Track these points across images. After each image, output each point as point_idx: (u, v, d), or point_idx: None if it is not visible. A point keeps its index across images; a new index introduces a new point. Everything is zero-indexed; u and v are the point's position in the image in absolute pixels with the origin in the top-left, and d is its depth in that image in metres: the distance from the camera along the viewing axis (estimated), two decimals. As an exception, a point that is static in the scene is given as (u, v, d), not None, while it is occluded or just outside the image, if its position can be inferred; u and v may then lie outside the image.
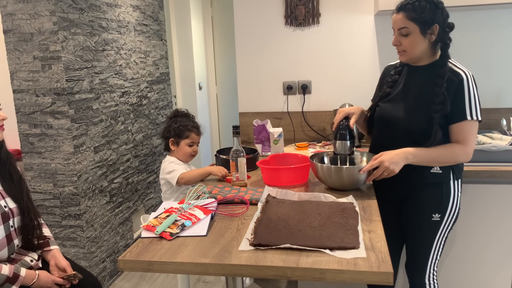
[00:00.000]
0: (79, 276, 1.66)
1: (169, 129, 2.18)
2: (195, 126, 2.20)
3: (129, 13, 3.10)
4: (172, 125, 2.18)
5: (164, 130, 2.22)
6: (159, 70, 3.60)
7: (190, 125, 2.17)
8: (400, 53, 1.64)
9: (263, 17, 2.68)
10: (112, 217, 2.85)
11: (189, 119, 2.22)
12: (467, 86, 1.54)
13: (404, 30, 1.57)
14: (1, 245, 1.54)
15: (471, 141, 1.57)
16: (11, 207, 1.60)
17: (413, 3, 1.54)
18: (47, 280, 1.58)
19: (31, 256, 1.66)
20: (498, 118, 2.37)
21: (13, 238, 1.59)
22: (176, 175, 2.02)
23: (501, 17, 2.40)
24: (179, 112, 2.26)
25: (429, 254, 1.70)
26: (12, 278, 1.49)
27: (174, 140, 2.16)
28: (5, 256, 1.57)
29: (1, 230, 1.53)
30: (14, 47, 2.38)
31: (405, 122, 1.63)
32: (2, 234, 1.53)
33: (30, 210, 1.65)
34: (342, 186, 1.68)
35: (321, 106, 2.71)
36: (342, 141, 1.72)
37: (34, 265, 1.64)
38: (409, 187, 1.68)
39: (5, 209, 1.57)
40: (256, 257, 1.17)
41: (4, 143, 1.65)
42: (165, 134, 2.20)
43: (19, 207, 1.62)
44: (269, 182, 1.81)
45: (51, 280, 1.59)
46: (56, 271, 1.66)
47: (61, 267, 1.66)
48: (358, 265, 1.11)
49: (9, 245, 1.58)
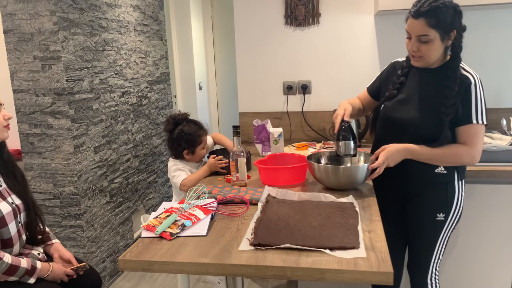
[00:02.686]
0: (86, 267, 1.75)
1: (179, 142, 2.10)
2: (202, 127, 2.16)
3: (129, 13, 3.10)
4: (182, 137, 2.09)
5: (173, 143, 2.12)
6: (159, 70, 3.60)
7: (198, 130, 2.12)
8: (416, 59, 1.59)
9: (263, 17, 2.68)
10: (112, 217, 2.85)
11: (192, 123, 2.15)
12: (475, 90, 1.54)
13: (424, 38, 1.51)
14: (15, 240, 1.61)
15: (477, 144, 1.56)
16: (17, 204, 1.67)
17: (435, 10, 1.47)
18: (60, 272, 1.67)
19: (37, 250, 1.74)
20: (498, 118, 2.37)
21: (21, 233, 1.67)
22: (178, 181, 2.06)
23: (501, 17, 2.40)
24: (177, 119, 2.15)
25: (432, 254, 1.70)
26: (30, 270, 1.58)
27: (188, 150, 2.11)
28: (17, 251, 1.65)
29: (13, 226, 1.61)
30: (14, 47, 2.38)
31: (413, 124, 1.62)
32: (14, 230, 1.61)
33: (35, 206, 1.73)
34: (339, 186, 1.67)
35: (321, 106, 2.71)
36: (345, 142, 1.68)
37: (42, 257, 1.72)
38: (413, 187, 1.68)
39: (13, 205, 1.63)
40: (256, 257, 1.17)
41: (5, 142, 1.70)
42: (175, 146, 2.12)
43: (24, 203, 1.69)
44: (266, 182, 1.81)
45: (63, 271, 1.68)
46: (61, 263, 1.74)
47: (66, 258, 1.75)
48: (358, 265, 1.11)
49: (20, 240, 1.66)
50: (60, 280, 1.68)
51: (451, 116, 1.54)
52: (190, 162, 2.17)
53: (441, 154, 1.58)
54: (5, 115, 1.63)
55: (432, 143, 1.58)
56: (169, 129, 2.14)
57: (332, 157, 1.84)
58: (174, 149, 2.14)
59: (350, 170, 1.65)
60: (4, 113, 1.63)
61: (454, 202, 1.64)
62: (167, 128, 2.16)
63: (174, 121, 2.15)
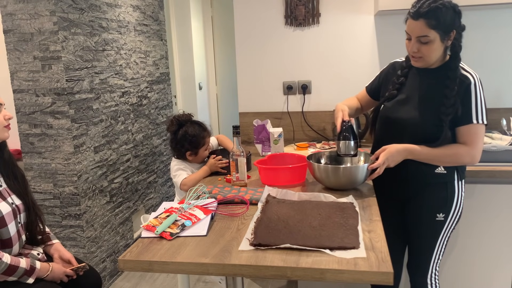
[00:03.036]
0: (86, 268, 1.75)
1: (183, 143, 2.10)
2: (205, 129, 2.15)
3: (129, 13, 3.10)
4: (187, 138, 2.08)
5: (177, 144, 2.12)
6: (159, 70, 3.60)
7: (202, 132, 2.12)
8: (416, 59, 1.59)
9: (263, 17, 2.68)
10: (112, 217, 2.85)
11: (196, 125, 2.14)
12: (475, 90, 1.54)
13: (424, 39, 1.51)
14: (14, 241, 1.61)
15: (477, 143, 1.56)
16: (17, 204, 1.66)
17: (434, 10, 1.47)
18: (59, 272, 1.67)
19: (37, 250, 1.74)
20: (498, 118, 2.37)
21: (21, 234, 1.67)
22: (179, 180, 2.07)
23: (501, 17, 2.40)
24: (181, 120, 2.14)
25: (432, 254, 1.70)
26: (29, 270, 1.57)
27: (192, 152, 2.12)
28: (17, 251, 1.65)
29: (13, 226, 1.61)
30: (14, 47, 2.38)
31: (413, 124, 1.62)
32: (14, 230, 1.61)
33: (35, 206, 1.73)
34: (339, 186, 1.67)
35: (321, 106, 2.71)
36: (346, 141, 1.67)
37: (41, 258, 1.72)
38: (413, 187, 1.68)
39: (12, 205, 1.63)
40: (256, 257, 1.17)
41: (6, 143, 1.71)
42: (178, 147, 2.12)
43: (24, 203, 1.69)
44: (266, 182, 1.81)
45: (62, 271, 1.68)
46: (61, 263, 1.73)
47: (66, 259, 1.75)
48: (358, 265, 1.11)
49: (19, 241, 1.65)
50: (60, 280, 1.68)
51: (451, 116, 1.54)
52: (193, 163, 2.17)
53: (441, 154, 1.58)
54: (6, 115, 1.64)
55: (432, 143, 1.58)
56: (173, 130, 2.14)
57: (332, 157, 1.84)
58: (177, 150, 2.14)
59: (350, 170, 1.65)
60: (5, 113, 1.64)
61: (454, 202, 1.64)
62: (171, 129, 2.15)
63: (178, 122, 2.14)
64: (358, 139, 1.71)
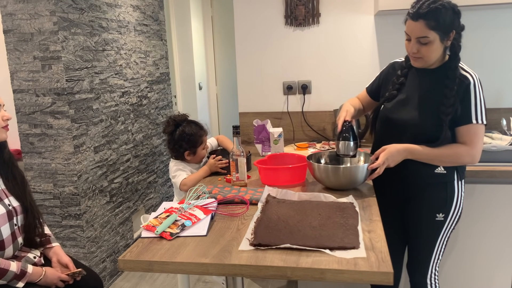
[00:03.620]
0: (83, 273, 1.70)
1: (181, 143, 2.10)
2: (202, 128, 2.16)
3: (129, 13, 3.10)
4: (184, 137, 2.09)
5: (175, 144, 2.11)
6: (159, 70, 3.60)
7: (199, 130, 2.12)
8: (415, 59, 1.59)
9: (263, 17, 2.68)
10: (112, 217, 2.85)
11: (193, 124, 2.15)
12: (474, 90, 1.54)
13: (424, 39, 1.51)
14: (7, 243, 1.57)
15: (476, 143, 1.56)
16: (15, 206, 1.64)
17: (434, 11, 1.47)
18: (53, 277, 1.63)
19: (34, 253, 1.70)
20: (498, 118, 2.37)
21: (17, 236, 1.63)
22: (178, 180, 2.06)
23: (501, 17, 2.40)
24: (177, 120, 2.15)
25: (432, 254, 1.70)
26: (19, 274, 1.53)
27: (190, 151, 2.11)
28: (10, 254, 1.61)
29: (7, 228, 1.57)
30: (14, 47, 2.38)
31: (413, 124, 1.62)
32: (8, 232, 1.57)
33: (34, 208, 1.69)
34: (339, 186, 1.67)
35: (321, 106, 2.71)
36: (345, 142, 1.67)
37: (38, 261, 1.68)
38: (413, 187, 1.68)
39: (9, 207, 1.60)
40: (256, 257, 1.17)
41: (6, 143, 1.68)
42: (176, 148, 2.12)
43: (23, 205, 1.66)
44: (266, 182, 1.81)
45: (57, 276, 1.64)
46: (58, 267, 1.70)
47: (64, 263, 1.71)
48: (358, 265, 1.11)
49: (14, 243, 1.62)
50: (54, 285, 1.64)
51: (450, 116, 1.54)
52: (191, 163, 2.17)
53: (441, 154, 1.58)
54: (4, 116, 1.61)
55: (432, 143, 1.58)
56: (170, 131, 2.14)
57: (332, 157, 1.84)
58: (176, 150, 2.13)
59: (350, 170, 1.65)
60: (3, 114, 1.62)
61: (454, 202, 1.64)
62: (168, 129, 2.15)
63: (175, 122, 2.14)
64: (358, 140, 1.71)
